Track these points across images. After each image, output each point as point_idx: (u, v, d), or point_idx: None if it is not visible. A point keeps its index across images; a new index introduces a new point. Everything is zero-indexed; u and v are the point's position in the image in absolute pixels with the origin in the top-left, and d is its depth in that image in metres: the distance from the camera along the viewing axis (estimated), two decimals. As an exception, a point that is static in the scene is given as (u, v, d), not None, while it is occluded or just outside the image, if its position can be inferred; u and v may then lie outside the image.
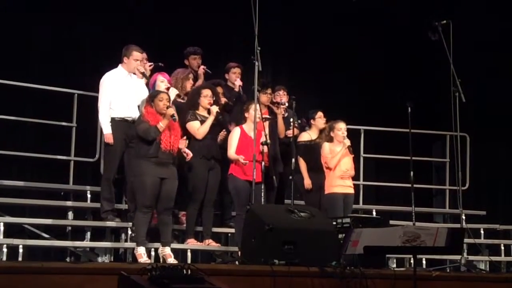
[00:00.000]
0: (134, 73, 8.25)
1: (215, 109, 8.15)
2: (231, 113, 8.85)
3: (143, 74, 8.21)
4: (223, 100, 8.66)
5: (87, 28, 9.84)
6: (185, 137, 7.75)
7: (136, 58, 8.25)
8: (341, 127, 8.75)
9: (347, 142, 8.69)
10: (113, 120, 8.15)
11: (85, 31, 9.85)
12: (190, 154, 7.85)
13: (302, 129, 9.16)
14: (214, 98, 8.23)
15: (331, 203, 8.56)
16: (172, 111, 7.48)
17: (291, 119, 8.87)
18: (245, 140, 8.09)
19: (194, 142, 8.04)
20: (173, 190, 7.56)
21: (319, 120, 8.96)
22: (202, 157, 8.07)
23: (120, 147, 8.13)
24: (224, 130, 8.28)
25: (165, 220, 7.59)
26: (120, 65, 8.30)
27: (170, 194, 7.53)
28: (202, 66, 8.95)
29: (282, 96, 9.03)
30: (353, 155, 8.76)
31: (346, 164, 8.68)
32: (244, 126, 8.26)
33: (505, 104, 11.23)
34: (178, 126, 7.68)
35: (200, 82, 8.81)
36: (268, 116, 8.55)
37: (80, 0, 9.78)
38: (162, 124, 7.42)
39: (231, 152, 8.18)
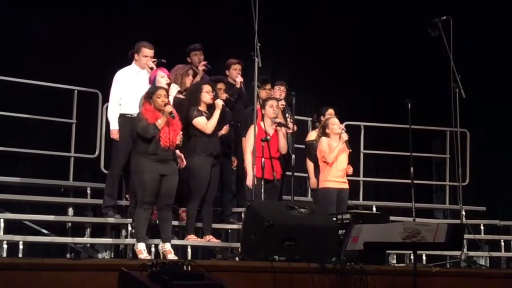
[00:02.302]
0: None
1: (220, 102, 8.12)
2: (233, 110, 8.83)
3: (152, 70, 8.22)
4: (224, 96, 8.65)
5: (87, 24, 9.82)
6: (181, 133, 7.69)
7: (146, 54, 8.25)
8: (335, 122, 8.68)
9: (345, 137, 8.61)
10: (122, 117, 8.15)
11: (85, 27, 9.84)
12: (184, 163, 7.83)
13: (313, 125, 9.14)
14: (214, 93, 8.22)
15: (325, 198, 8.51)
16: (170, 108, 7.46)
17: (287, 115, 8.85)
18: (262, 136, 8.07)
19: (199, 139, 7.99)
20: (173, 187, 7.55)
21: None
22: (209, 154, 8.04)
23: (127, 143, 8.11)
24: (228, 124, 8.27)
25: (165, 217, 7.58)
26: (133, 62, 8.33)
27: (170, 190, 7.52)
28: (202, 62, 8.93)
29: (281, 92, 9.02)
30: (350, 150, 8.66)
31: (344, 162, 8.62)
32: (260, 122, 8.26)
33: (505, 100, 11.23)
34: (177, 121, 7.65)
35: (198, 78, 8.79)
36: (282, 122, 8.58)
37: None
38: (160, 122, 7.40)
39: (248, 153, 8.21)
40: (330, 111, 8.96)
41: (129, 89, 8.17)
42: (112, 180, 8.20)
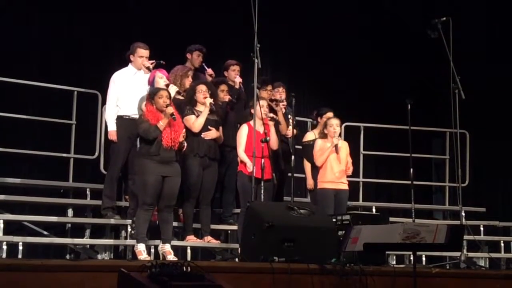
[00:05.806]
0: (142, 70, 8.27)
1: (208, 101, 8.09)
2: (232, 111, 8.82)
3: (149, 70, 8.22)
4: (227, 97, 8.64)
5: (87, 26, 9.83)
6: (184, 130, 7.70)
7: (141, 54, 8.26)
8: (333, 123, 8.58)
9: (335, 141, 8.54)
10: (120, 118, 8.16)
11: (85, 29, 9.84)
12: (185, 144, 7.81)
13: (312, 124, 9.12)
14: (209, 92, 8.19)
15: (321, 199, 8.51)
16: (171, 109, 7.46)
17: (289, 116, 8.85)
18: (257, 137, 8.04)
19: (188, 140, 7.98)
20: (175, 188, 7.55)
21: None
22: (196, 154, 8.05)
23: (125, 145, 8.13)
24: (213, 129, 8.20)
25: (166, 218, 7.58)
26: (130, 64, 8.33)
27: (172, 191, 7.53)
28: (211, 74, 8.92)
29: (281, 93, 9.00)
30: (338, 154, 8.54)
31: (342, 163, 8.59)
32: (251, 122, 8.23)
33: (504, 100, 11.23)
34: (179, 122, 7.66)
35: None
36: (274, 116, 8.56)
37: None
38: (162, 123, 7.41)
39: (240, 150, 8.21)
40: (329, 114, 8.92)
41: (127, 90, 8.18)
42: (111, 182, 8.21)
